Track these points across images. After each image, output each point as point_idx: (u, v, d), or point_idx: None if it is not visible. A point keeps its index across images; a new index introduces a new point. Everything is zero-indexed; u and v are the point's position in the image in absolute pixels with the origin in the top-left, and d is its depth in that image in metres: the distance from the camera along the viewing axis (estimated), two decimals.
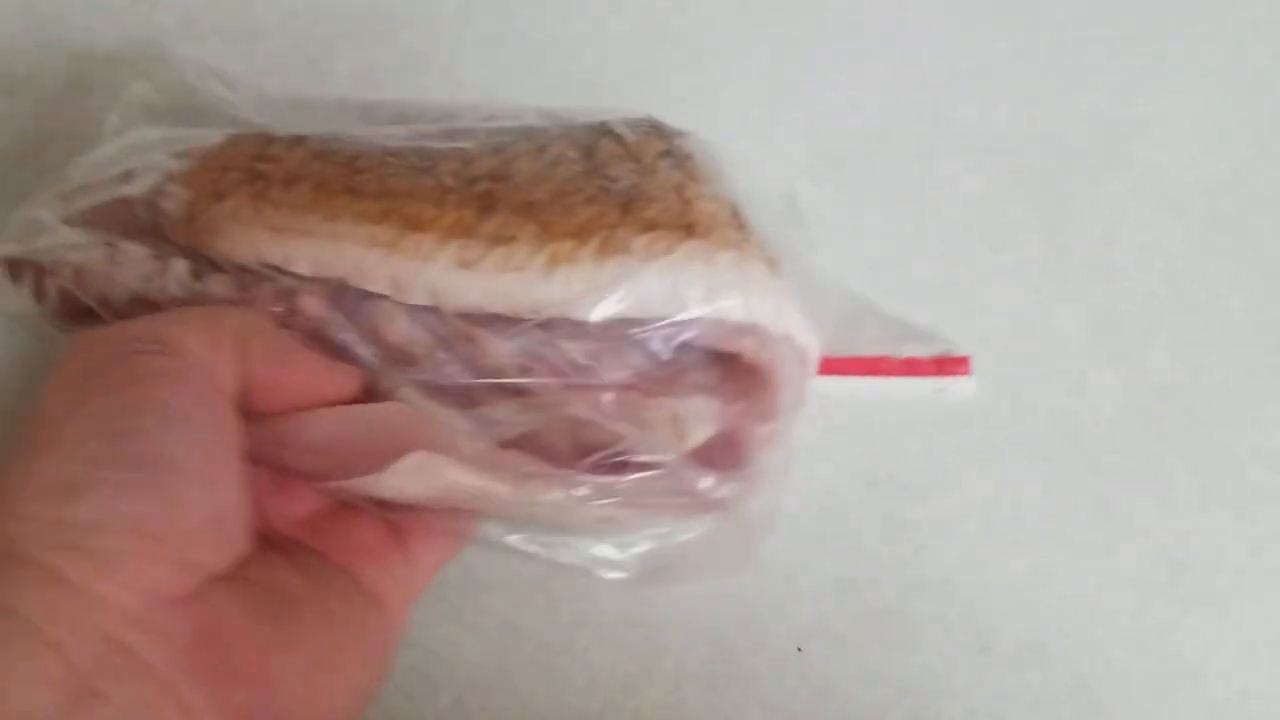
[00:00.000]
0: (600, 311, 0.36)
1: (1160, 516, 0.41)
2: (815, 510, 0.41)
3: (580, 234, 0.36)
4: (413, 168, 0.39)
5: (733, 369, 0.37)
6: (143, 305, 0.38)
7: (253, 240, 0.38)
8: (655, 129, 0.41)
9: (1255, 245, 0.45)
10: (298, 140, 0.40)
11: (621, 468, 0.36)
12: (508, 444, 0.36)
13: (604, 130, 0.40)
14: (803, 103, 0.49)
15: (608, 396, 0.36)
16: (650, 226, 0.36)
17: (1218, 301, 0.44)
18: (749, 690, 0.39)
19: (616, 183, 0.38)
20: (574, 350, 0.37)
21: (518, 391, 0.37)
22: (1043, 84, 0.49)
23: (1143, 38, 0.50)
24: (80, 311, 0.39)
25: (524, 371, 0.37)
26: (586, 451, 0.36)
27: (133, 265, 0.38)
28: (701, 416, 0.37)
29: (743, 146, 0.41)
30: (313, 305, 0.37)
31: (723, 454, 0.37)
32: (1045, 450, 0.41)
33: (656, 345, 0.37)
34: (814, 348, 0.38)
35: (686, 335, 0.36)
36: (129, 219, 0.40)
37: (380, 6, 0.52)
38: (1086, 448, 0.42)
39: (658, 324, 0.36)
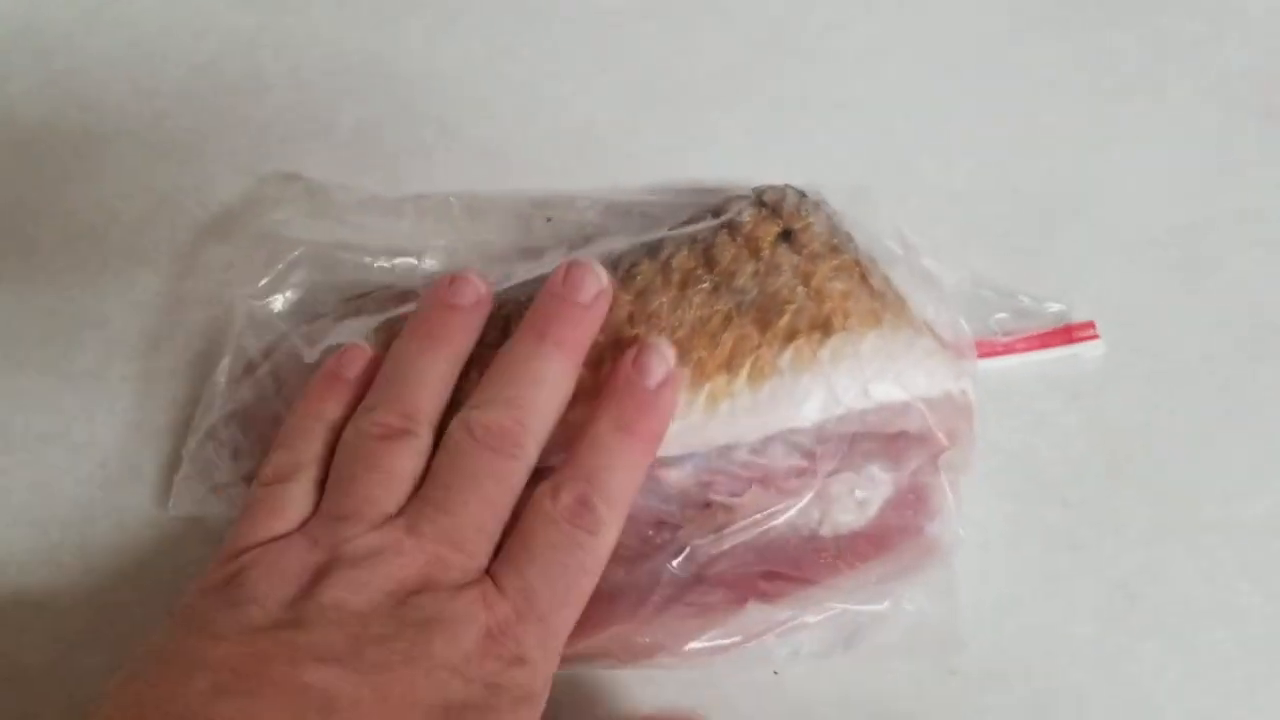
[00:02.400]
0: (765, 433, 0.39)
1: (1117, 549, 0.43)
2: None
3: (730, 365, 0.39)
4: None
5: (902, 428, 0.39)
6: None
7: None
8: (762, 205, 0.43)
9: (1209, 295, 0.47)
10: None
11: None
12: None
13: (717, 223, 0.42)
14: (782, 157, 0.51)
15: (788, 484, 0.38)
16: (790, 336, 0.39)
17: (1173, 346, 0.47)
18: (728, 715, 0.40)
19: (746, 294, 0.40)
20: (745, 453, 0.39)
21: (705, 505, 0.39)
22: (1004, 142, 0.51)
23: (1098, 99, 0.52)
24: None
25: (705, 487, 0.39)
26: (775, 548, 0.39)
27: None
28: (878, 481, 0.39)
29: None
30: None
31: (908, 509, 0.39)
32: (1008, 486, 0.43)
33: (823, 433, 0.39)
34: (971, 391, 0.40)
35: (849, 429, 0.39)
36: None
37: (382, 62, 0.54)
38: (1048, 483, 0.44)
39: (822, 423, 0.39)
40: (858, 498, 0.39)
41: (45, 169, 0.51)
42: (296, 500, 0.37)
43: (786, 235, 0.41)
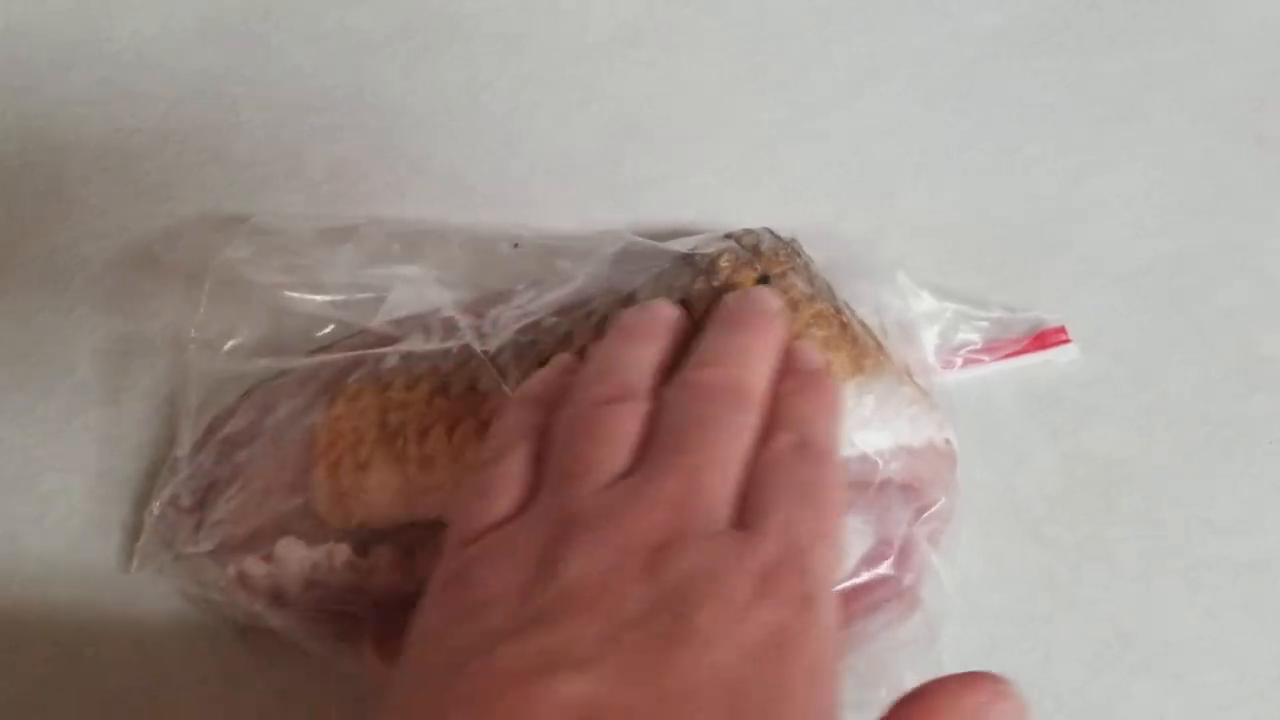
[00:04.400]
0: None
1: (1104, 589, 0.42)
2: None
3: None
4: (528, 375, 0.39)
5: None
6: (315, 587, 0.39)
7: (406, 504, 0.39)
8: (739, 250, 0.42)
9: (1197, 323, 0.47)
10: (413, 377, 0.41)
11: None
12: None
13: (695, 269, 0.41)
14: (764, 187, 0.51)
15: None
16: None
17: (1162, 377, 0.46)
18: None
19: None
20: None
21: None
22: (988, 171, 0.50)
23: (1083, 127, 0.51)
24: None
25: None
26: None
27: (296, 563, 0.39)
28: (858, 532, 0.38)
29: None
30: None
31: (889, 559, 0.38)
32: (990, 525, 0.43)
33: None
34: (954, 438, 0.40)
35: None
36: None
37: (356, 98, 0.53)
38: (1030, 523, 0.43)
39: None
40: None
41: (16, 211, 0.51)
42: (514, 476, 0.33)
43: (764, 281, 0.40)
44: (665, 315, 0.38)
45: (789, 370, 0.36)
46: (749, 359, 0.35)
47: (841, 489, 0.34)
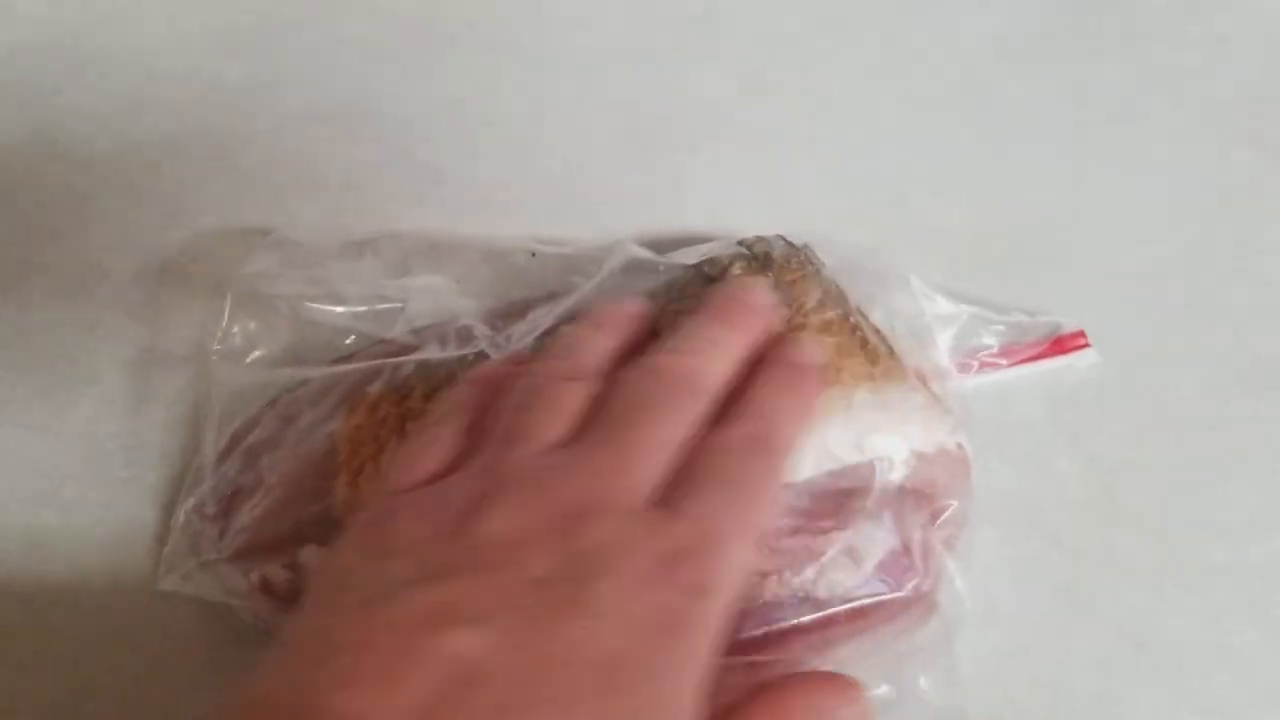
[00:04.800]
0: None
1: (1121, 594, 0.42)
2: None
3: None
4: None
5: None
6: None
7: None
8: (752, 258, 0.42)
9: (1206, 328, 0.47)
10: (431, 385, 0.41)
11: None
12: None
13: (707, 277, 0.42)
14: (770, 198, 0.51)
15: (780, 544, 0.37)
16: None
17: (1171, 381, 0.46)
18: None
19: None
20: None
21: None
22: (994, 174, 0.51)
23: (1086, 130, 0.52)
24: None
25: None
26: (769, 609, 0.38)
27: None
28: (873, 539, 0.38)
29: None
30: None
31: (905, 565, 0.38)
32: (1008, 531, 0.43)
33: (817, 490, 0.38)
34: (966, 442, 0.40)
35: (843, 484, 0.38)
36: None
37: (366, 109, 0.53)
38: (1048, 528, 0.43)
39: (816, 477, 0.38)
40: (854, 556, 0.38)
41: (33, 224, 0.51)
42: (446, 440, 0.35)
43: (775, 288, 0.41)
44: (630, 309, 0.40)
45: (773, 361, 0.37)
46: (714, 350, 0.36)
47: (780, 488, 0.35)
